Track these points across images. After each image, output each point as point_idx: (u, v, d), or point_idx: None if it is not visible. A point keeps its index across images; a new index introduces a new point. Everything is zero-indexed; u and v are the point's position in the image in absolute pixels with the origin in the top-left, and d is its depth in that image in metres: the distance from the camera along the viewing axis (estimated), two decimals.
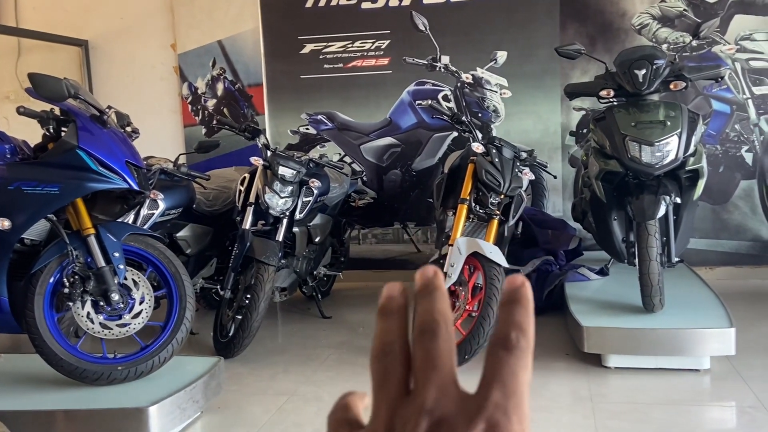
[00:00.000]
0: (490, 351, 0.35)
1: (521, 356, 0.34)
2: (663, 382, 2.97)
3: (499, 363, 0.34)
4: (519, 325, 0.35)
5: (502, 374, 0.34)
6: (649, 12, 4.50)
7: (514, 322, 0.35)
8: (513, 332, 0.35)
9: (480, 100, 4.72)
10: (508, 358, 0.34)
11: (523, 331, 0.35)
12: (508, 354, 0.34)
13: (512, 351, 0.34)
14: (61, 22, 5.06)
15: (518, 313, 0.35)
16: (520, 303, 0.35)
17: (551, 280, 3.92)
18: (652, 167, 3.08)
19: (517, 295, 0.36)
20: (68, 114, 2.67)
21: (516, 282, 0.36)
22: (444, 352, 0.35)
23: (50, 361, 2.62)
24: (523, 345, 0.34)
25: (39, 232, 2.71)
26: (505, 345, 0.34)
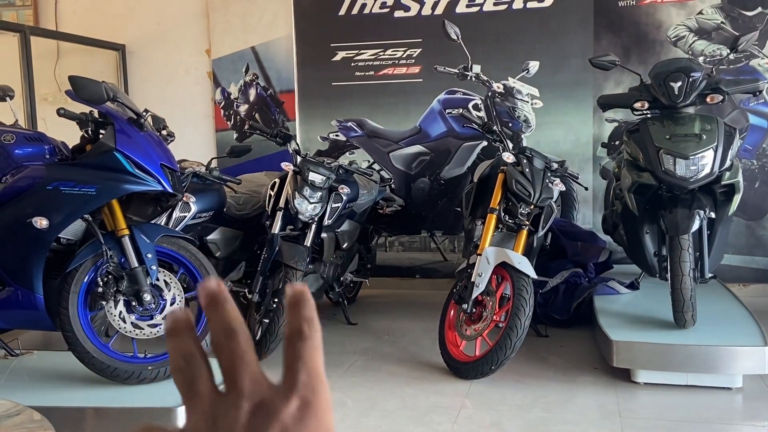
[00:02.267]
0: (289, 343, 0.40)
1: (314, 343, 0.40)
2: (693, 399, 2.92)
3: (299, 351, 0.40)
4: (307, 318, 0.40)
5: (304, 359, 0.39)
6: (685, 24, 4.45)
7: (303, 317, 0.40)
8: (304, 324, 0.40)
9: (511, 110, 4.70)
10: (306, 346, 0.40)
11: (312, 323, 0.40)
12: (304, 342, 0.40)
13: (307, 340, 0.40)
14: (100, 27, 5.17)
15: (304, 309, 0.41)
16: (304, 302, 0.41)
17: (580, 292, 3.88)
18: (686, 181, 3.04)
19: (300, 297, 0.41)
20: (106, 116, 2.72)
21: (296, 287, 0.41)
22: (248, 348, 0.40)
23: (83, 358, 2.67)
24: (314, 334, 0.40)
25: (75, 231, 2.77)
26: (301, 336, 0.40)
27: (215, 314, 0.40)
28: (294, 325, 0.40)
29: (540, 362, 3.40)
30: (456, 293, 3.35)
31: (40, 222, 2.60)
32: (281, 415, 0.38)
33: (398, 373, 3.35)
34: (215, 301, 0.40)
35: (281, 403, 0.39)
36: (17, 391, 2.68)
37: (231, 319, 0.40)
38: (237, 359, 0.39)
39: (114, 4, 5.26)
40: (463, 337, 3.29)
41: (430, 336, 3.57)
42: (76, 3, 5.31)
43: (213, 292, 0.41)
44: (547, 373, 3.26)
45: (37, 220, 2.60)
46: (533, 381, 3.17)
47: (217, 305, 0.40)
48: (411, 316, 4.33)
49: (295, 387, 0.39)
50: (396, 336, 3.96)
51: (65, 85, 2.69)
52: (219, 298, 0.41)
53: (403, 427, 2.79)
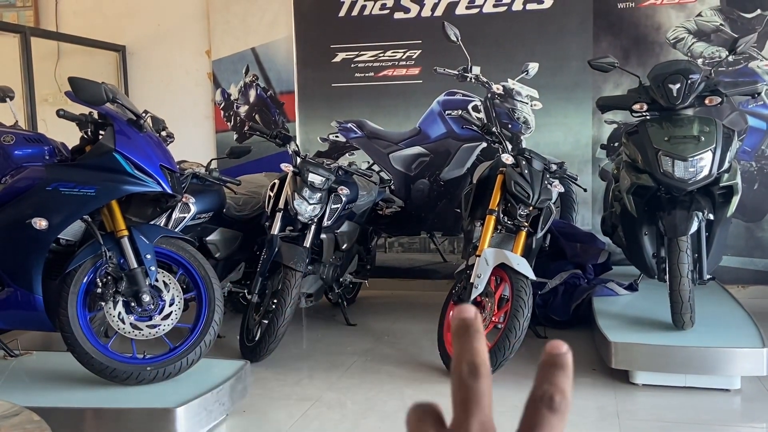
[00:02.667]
0: (533, 406, 0.37)
1: (562, 419, 0.37)
2: (692, 400, 2.92)
3: (541, 420, 0.37)
4: (563, 390, 0.37)
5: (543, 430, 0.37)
6: (684, 26, 4.45)
7: (558, 386, 0.37)
8: (558, 395, 0.37)
9: (510, 112, 4.71)
10: (551, 418, 0.37)
11: (565, 397, 0.37)
12: (551, 414, 0.37)
13: (556, 412, 0.37)
14: (100, 28, 5.17)
15: (562, 379, 0.38)
16: (564, 369, 0.38)
17: (579, 293, 3.88)
18: (685, 182, 3.04)
19: (562, 360, 0.38)
20: (106, 117, 2.73)
21: (561, 348, 0.38)
22: (486, 392, 0.38)
23: (81, 359, 2.67)
24: (563, 409, 0.37)
25: (74, 232, 2.77)
26: (550, 405, 0.37)
27: (464, 344, 0.39)
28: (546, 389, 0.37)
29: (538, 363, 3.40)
30: (455, 294, 3.36)
31: (40, 223, 2.61)
32: None
33: (398, 374, 3.35)
34: (468, 331, 0.39)
35: None
36: (16, 392, 2.69)
37: (479, 356, 0.38)
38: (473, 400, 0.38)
39: (114, 5, 5.27)
40: None
41: (430, 337, 3.58)
42: (76, 4, 5.32)
43: (468, 321, 0.39)
44: None
45: (37, 220, 2.60)
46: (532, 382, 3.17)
47: (469, 336, 0.39)
48: (410, 317, 4.34)
49: None
50: (395, 337, 3.97)
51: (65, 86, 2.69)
52: (472, 328, 0.39)
53: (402, 429, 2.79)
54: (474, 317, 0.39)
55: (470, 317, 0.39)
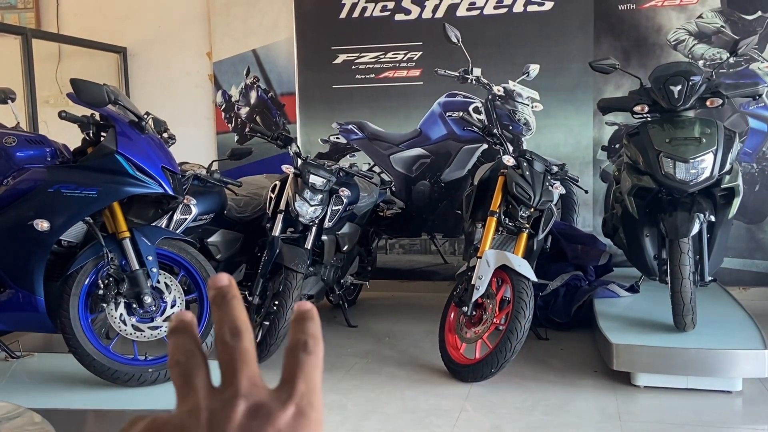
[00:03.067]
0: (291, 353, 0.41)
1: (317, 359, 0.41)
2: (693, 402, 2.92)
3: (301, 362, 0.40)
4: (313, 334, 0.41)
5: (305, 371, 0.40)
6: (685, 28, 4.46)
7: (309, 332, 0.41)
8: (311, 339, 0.41)
9: (511, 113, 4.71)
10: (309, 359, 0.40)
11: (316, 339, 0.41)
12: (309, 356, 0.41)
13: (311, 354, 0.41)
14: (101, 30, 5.18)
15: (310, 326, 0.41)
16: (312, 319, 0.42)
17: (580, 295, 3.88)
18: (686, 184, 3.04)
19: (308, 314, 0.42)
20: (108, 119, 2.73)
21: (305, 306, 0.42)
22: (250, 349, 0.40)
23: (83, 361, 2.67)
24: (317, 350, 0.41)
25: (76, 234, 2.77)
26: (305, 349, 0.41)
27: (222, 310, 0.41)
28: (299, 337, 0.41)
29: (540, 365, 3.40)
30: (456, 296, 3.36)
31: (42, 224, 2.61)
32: (277, 420, 0.39)
33: (398, 376, 3.35)
34: (223, 298, 0.41)
35: (278, 408, 0.39)
36: (18, 393, 2.69)
37: (237, 318, 0.40)
38: (238, 358, 0.40)
39: (115, 7, 5.28)
40: (464, 339, 3.29)
41: (431, 339, 3.58)
42: (77, 6, 5.33)
43: (223, 288, 0.41)
44: (548, 376, 3.26)
45: (39, 222, 2.61)
46: (533, 384, 3.17)
47: (225, 302, 0.41)
48: (411, 318, 4.34)
49: (293, 395, 0.39)
50: (396, 339, 3.97)
51: (67, 87, 2.70)
52: (228, 294, 0.41)
53: (403, 430, 2.79)
54: (228, 284, 0.41)
55: (225, 284, 0.41)
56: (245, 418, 0.38)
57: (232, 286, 0.41)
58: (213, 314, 0.40)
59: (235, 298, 0.41)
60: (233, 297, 0.41)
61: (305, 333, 0.41)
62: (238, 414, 0.38)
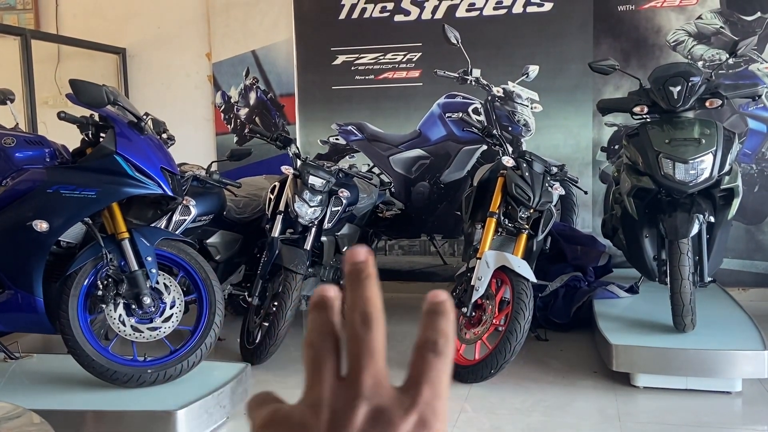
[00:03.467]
0: (419, 353, 0.38)
1: (446, 361, 0.38)
2: (693, 403, 2.92)
3: (428, 365, 0.37)
4: (446, 334, 0.38)
5: (431, 376, 0.37)
6: (684, 29, 4.46)
7: (441, 330, 0.38)
8: (441, 339, 0.38)
9: (510, 114, 4.71)
10: (437, 362, 0.38)
11: (448, 339, 0.38)
12: (437, 358, 0.38)
13: (440, 356, 0.38)
14: (100, 30, 5.18)
15: (444, 323, 0.38)
16: (445, 314, 0.38)
17: (579, 296, 3.88)
18: (685, 185, 3.04)
19: (442, 307, 0.38)
20: (107, 120, 2.73)
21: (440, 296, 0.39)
22: (379, 343, 0.38)
23: (82, 362, 2.67)
24: (447, 352, 0.38)
25: (75, 235, 2.77)
26: (434, 349, 0.38)
27: (355, 291, 0.38)
28: (429, 335, 0.38)
29: (540, 366, 3.40)
30: (455, 297, 3.35)
31: (41, 225, 2.60)
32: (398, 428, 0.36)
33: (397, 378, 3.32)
34: (358, 275, 0.38)
35: (399, 416, 0.37)
36: (17, 394, 2.68)
37: (372, 305, 0.38)
38: (366, 352, 0.37)
39: (114, 8, 5.27)
40: (463, 340, 3.29)
41: None
42: (76, 6, 5.33)
43: (358, 264, 0.38)
44: (547, 377, 3.26)
45: (38, 223, 2.60)
46: (533, 385, 3.17)
47: (360, 282, 0.38)
48: (410, 319, 4.30)
49: (417, 403, 0.37)
50: (395, 340, 3.92)
51: (66, 88, 2.70)
52: (365, 273, 0.38)
53: None
54: (365, 260, 0.38)
55: (361, 260, 0.38)
56: (366, 424, 0.36)
57: (368, 263, 0.38)
58: (346, 293, 0.37)
59: (370, 277, 0.38)
60: (368, 276, 0.38)
61: (436, 331, 0.38)
62: (359, 418, 0.36)
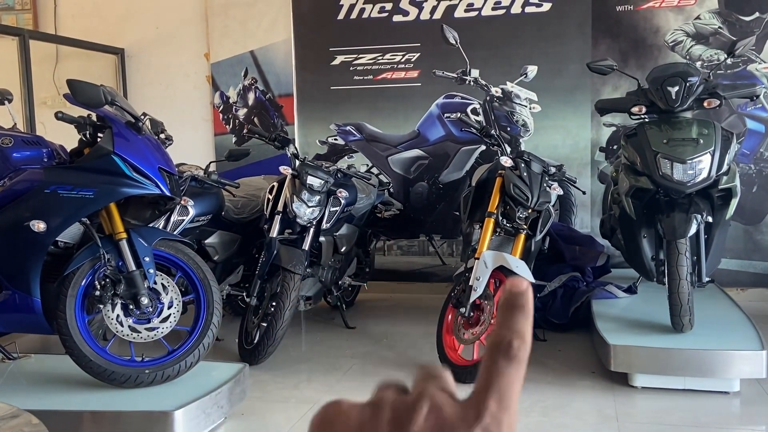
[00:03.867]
0: (491, 355, 0.35)
1: (520, 367, 0.35)
2: (691, 403, 2.92)
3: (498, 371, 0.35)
4: (522, 334, 0.35)
5: (500, 384, 0.34)
6: (683, 29, 4.46)
7: (517, 331, 0.35)
8: (516, 341, 0.35)
9: (509, 114, 4.71)
10: (508, 368, 0.35)
11: (525, 342, 0.35)
12: (509, 363, 0.35)
13: (513, 361, 0.35)
14: (99, 31, 5.17)
15: (521, 322, 0.35)
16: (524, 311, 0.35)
17: (578, 296, 3.88)
18: (683, 185, 3.04)
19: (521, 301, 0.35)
20: (104, 120, 2.73)
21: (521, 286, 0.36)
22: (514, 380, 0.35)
23: (80, 362, 2.66)
24: (522, 356, 0.35)
25: (72, 235, 2.77)
26: (507, 353, 0.35)
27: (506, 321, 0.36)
28: (503, 335, 0.35)
29: (538, 366, 3.40)
30: (454, 297, 3.35)
31: (38, 225, 2.60)
32: None
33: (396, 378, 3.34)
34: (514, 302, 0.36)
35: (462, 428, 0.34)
36: (15, 395, 2.68)
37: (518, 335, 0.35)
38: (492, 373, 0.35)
39: (113, 8, 5.27)
40: (461, 341, 3.29)
41: (429, 340, 3.57)
42: (75, 7, 5.32)
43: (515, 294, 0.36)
44: (546, 378, 3.26)
45: (35, 223, 2.60)
46: (531, 385, 3.17)
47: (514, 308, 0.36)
48: (409, 320, 4.33)
49: (482, 417, 0.34)
50: (394, 340, 3.96)
51: (64, 88, 2.69)
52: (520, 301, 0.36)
53: None
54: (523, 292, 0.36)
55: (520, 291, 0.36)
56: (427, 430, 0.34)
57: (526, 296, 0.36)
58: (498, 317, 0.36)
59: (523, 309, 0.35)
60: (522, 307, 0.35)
61: (511, 329, 0.35)
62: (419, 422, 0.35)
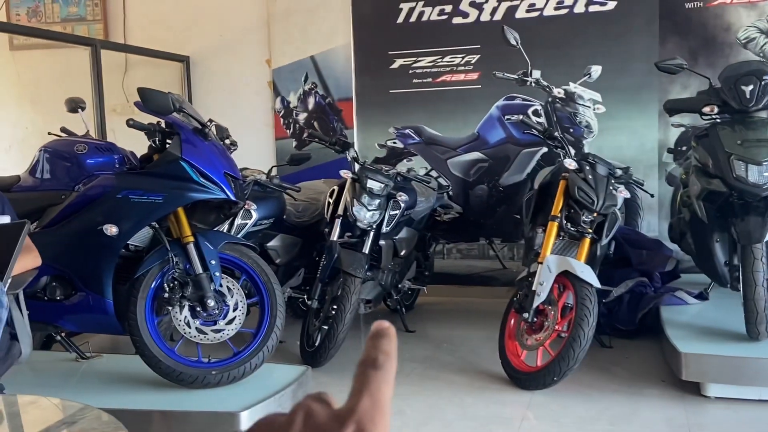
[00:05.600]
0: (360, 370, 0.40)
1: (386, 375, 0.40)
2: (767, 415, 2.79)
3: (367, 379, 0.40)
4: (386, 351, 0.41)
5: (371, 387, 0.39)
6: (756, 25, 4.28)
7: (381, 348, 0.41)
8: (380, 355, 0.41)
9: (572, 116, 4.62)
10: (376, 375, 0.40)
11: (388, 356, 0.41)
12: (376, 372, 0.40)
13: (379, 369, 0.40)
14: (165, 40, 5.33)
15: (384, 343, 0.41)
16: (387, 336, 0.42)
17: (645, 302, 3.77)
18: (759, 188, 2.92)
19: (384, 332, 0.42)
20: (173, 127, 2.80)
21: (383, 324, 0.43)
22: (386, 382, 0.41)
23: (150, 362, 2.74)
24: (387, 366, 0.40)
25: (143, 238, 2.85)
26: (374, 365, 0.40)
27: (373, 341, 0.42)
28: (370, 353, 0.41)
29: (604, 374, 3.31)
30: (516, 302, 3.30)
31: (111, 229, 2.69)
32: None
33: (457, 382, 3.32)
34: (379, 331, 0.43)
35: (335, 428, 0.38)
36: (87, 393, 2.77)
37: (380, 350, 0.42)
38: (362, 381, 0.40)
39: (179, 18, 5.42)
40: (524, 346, 3.24)
41: (490, 345, 3.53)
42: (143, 17, 5.50)
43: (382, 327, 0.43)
44: (612, 385, 3.18)
45: (108, 227, 2.69)
46: (597, 393, 3.09)
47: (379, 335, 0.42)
48: (469, 324, 4.29)
49: (355, 412, 0.39)
50: (454, 344, 3.93)
51: (133, 96, 2.78)
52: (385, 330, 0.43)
53: None
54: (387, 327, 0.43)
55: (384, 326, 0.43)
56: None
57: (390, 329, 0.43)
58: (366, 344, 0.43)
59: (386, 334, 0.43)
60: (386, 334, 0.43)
61: (377, 348, 0.41)
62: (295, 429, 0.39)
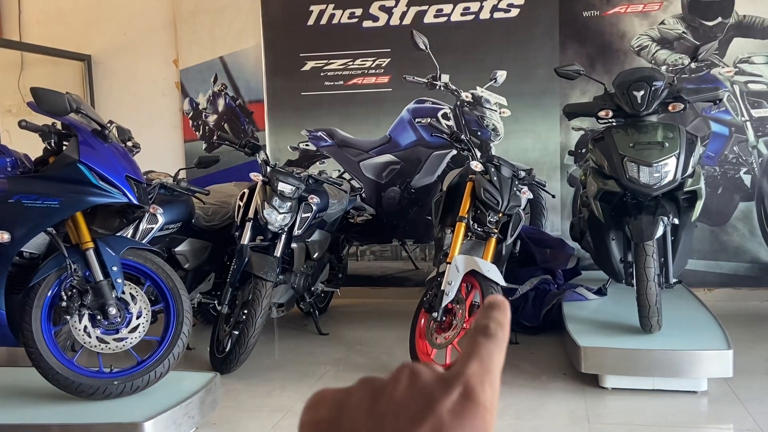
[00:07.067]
0: (470, 336, 0.39)
1: (498, 344, 0.39)
2: (660, 403, 2.96)
3: (478, 345, 0.38)
4: (499, 320, 0.40)
5: (481, 353, 0.38)
6: (648, 34, 4.54)
7: (494, 318, 0.40)
8: (492, 324, 0.39)
9: (479, 119, 4.75)
10: (487, 343, 0.39)
11: (501, 326, 0.40)
12: (487, 339, 0.39)
13: (491, 338, 0.39)
14: (65, 37, 5.10)
15: (499, 314, 0.40)
16: (501, 309, 0.41)
17: (549, 299, 3.92)
18: (650, 188, 3.09)
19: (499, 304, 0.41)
20: (70, 128, 2.68)
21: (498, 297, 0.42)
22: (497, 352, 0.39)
23: (46, 375, 2.61)
24: (500, 335, 0.39)
25: (38, 245, 2.71)
26: (485, 332, 0.39)
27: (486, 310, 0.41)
28: (482, 321, 0.40)
29: (511, 369, 3.42)
30: (426, 302, 3.36)
31: (2, 236, 2.55)
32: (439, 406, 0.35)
33: None
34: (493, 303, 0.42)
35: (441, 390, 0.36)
36: None
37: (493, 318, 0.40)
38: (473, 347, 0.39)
39: (79, 14, 5.20)
40: (434, 345, 3.30)
41: (403, 345, 3.57)
42: (40, 13, 5.24)
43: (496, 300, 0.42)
44: (518, 380, 3.28)
45: None
46: (504, 388, 3.19)
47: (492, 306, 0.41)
48: (382, 325, 4.33)
49: (462, 375, 0.37)
50: (368, 346, 3.96)
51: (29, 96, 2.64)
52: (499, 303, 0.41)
53: None
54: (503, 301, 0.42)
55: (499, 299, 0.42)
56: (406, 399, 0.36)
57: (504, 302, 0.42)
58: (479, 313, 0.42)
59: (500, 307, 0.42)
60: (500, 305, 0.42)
61: (490, 317, 0.40)
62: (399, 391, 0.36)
